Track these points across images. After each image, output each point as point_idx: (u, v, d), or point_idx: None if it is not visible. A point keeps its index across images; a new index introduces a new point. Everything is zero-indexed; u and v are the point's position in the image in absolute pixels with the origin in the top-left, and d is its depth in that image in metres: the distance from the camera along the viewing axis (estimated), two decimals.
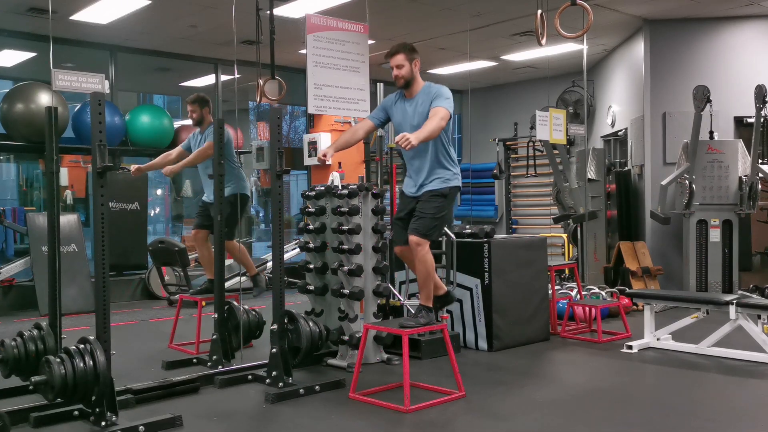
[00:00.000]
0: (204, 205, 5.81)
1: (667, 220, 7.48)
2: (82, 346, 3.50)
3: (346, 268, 4.75)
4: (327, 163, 4.51)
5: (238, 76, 7.20)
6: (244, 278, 8.10)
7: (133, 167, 5.76)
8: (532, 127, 7.85)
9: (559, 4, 4.95)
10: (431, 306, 4.18)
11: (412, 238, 4.08)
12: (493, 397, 4.13)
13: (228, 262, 6.92)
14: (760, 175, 7.25)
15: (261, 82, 5.45)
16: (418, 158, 4.21)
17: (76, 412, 3.68)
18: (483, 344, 5.38)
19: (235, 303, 5.07)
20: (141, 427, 3.46)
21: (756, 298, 6.20)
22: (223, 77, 9.80)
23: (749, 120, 7.55)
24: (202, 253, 5.77)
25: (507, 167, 11.65)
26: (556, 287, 6.47)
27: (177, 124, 9.50)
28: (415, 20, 7.97)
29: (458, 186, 4.25)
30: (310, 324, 4.47)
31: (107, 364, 3.45)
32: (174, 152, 5.82)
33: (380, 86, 6.46)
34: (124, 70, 9.29)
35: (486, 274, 5.33)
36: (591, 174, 8.31)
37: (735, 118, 7.98)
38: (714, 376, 4.67)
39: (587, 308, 6.18)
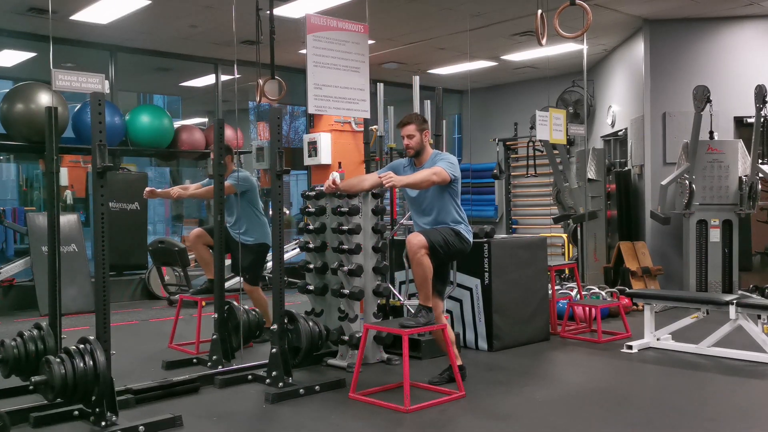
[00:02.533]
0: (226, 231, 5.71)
1: (667, 220, 7.48)
2: (82, 346, 3.50)
3: (346, 268, 4.75)
4: (331, 189, 4.53)
5: (238, 76, 7.21)
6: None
7: (147, 190, 5.62)
8: (532, 127, 7.85)
9: (559, 4, 4.95)
10: (430, 306, 4.17)
11: (414, 239, 4.08)
12: (493, 397, 4.13)
13: (228, 262, 6.91)
14: (760, 175, 7.25)
15: (261, 82, 5.45)
16: (426, 216, 4.31)
17: (76, 412, 3.68)
18: (483, 344, 5.38)
19: (235, 303, 5.07)
20: (141, 427, 3.46)
21: (756, 298, 6.20)
22: (223, 77, 9.80)
23: (749, 120, 7.55)
24: (199, 253, 5.75)
25: (507, 167, 11.65)
26: (556, 287, 6.47)
27: (177, 124, 9.50)
28: (415, 20, 7.97)
29: (471, 241, 4.35)
30: (310, 324, 4.47)
31: (107, 364, 3.45)
32: (192, 186, 5.86)
33: (380, 86, 6.47)
34: (124, 70, 9.29)
35: (486, 274, 5.33)
36: (591, 174, 8.31)
37: (735, 118, 7.98)
38: (714, 376, 4.67)
39: (587, 308, 6.18)
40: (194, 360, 5.04)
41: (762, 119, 7.16)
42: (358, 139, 9.16)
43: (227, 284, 6.20)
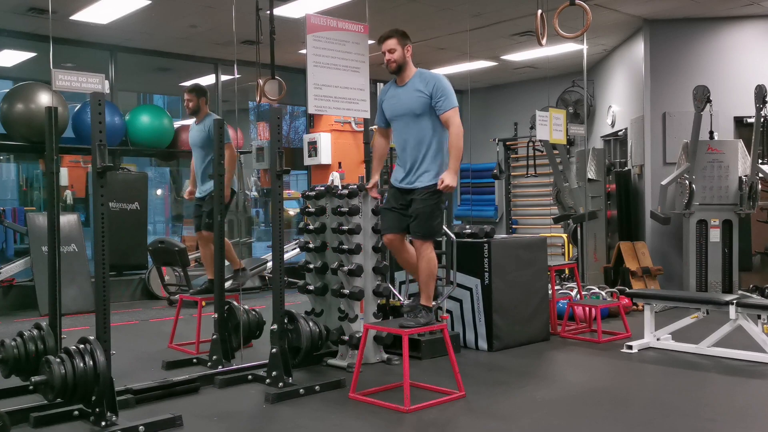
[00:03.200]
0: (197, 205, 5.82)
1: (667, 220, 7.48)
2: (82, 346, 3.50)
3: (346, 268, 4.75)
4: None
5: (238, 76, 7.22)
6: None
7: (187, 193, 5.86)
8: (532, 127, 7.85)
9: (559, 4, 4.95)
10: (431, 306, 4.18)
11: (417, 243, 4.13)
12: (493, 397, 4.13)
13: (228, 262, 6.91)
14: (760, 175, 7.25)
15: (261, 82, 5.45)
16: (411, 147, 4.18)
17: (76, 412, 3.68)
18: (483, 344, 5.38)
19: (235, 303, 5.07)
20: (141, 427, 3.46)
21: (756, 298, 6.21)
22: (223, 77, 9.80)
23: (749, 120, 7.55)
24: (205, 253, 5.76)
25: (507, 167, 11.65)
26: (556, 287, 6.47)
27: (177, 124, 9.49)
28: (415, 20, 7.97)
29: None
30: (310, 324, 4.47)
31: (107, 364, 3.45)
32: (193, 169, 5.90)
33: (380, 86, 6.45)
34: (124, 70, 9.29)
35: (486, 274, 5.33)
36: (591, 174, 8.31)
37: (735, 118, 7.98)
38: (714, 376, 4.67)
39: (587, 308, 6.18)
40: (194, 360, 5.04)
41: (762, 119, 7.15)
42: (358, 139, 9.17)
43: (227, 284, 6.20)
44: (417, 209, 4.12)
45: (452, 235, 5.28)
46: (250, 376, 4.50)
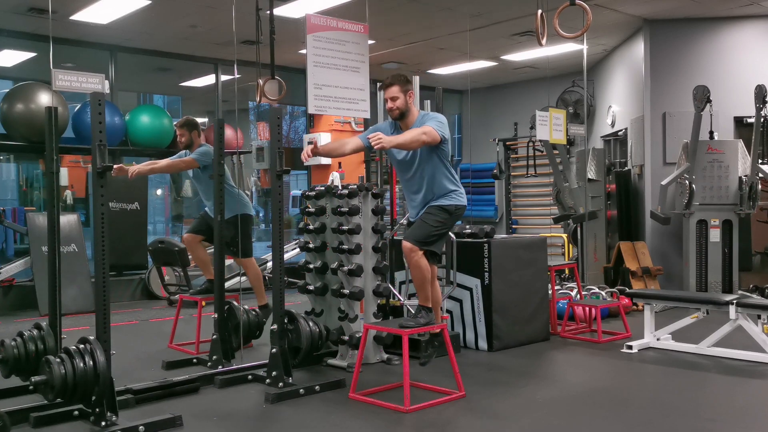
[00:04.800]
0: (203, 216, 5.80)
1: (667, 220, 7.48)
2: (82, 346, 3.50)
3: (346, 268, 4.75)
4: (309, 156, 4.42)
5: (238, 76, 7.20)
6: (244, 278, 8.10)
7: (115, 167, 5.56)
8: (532, 127, 7.85)
9: (559, 4, 4.95)
10: (430, 306, 4.18)
11: (406, 244, 4.05)
12: (493, 397, 4.13)
13: (228, 262, 6.92)
14: (760, 175, 7.25)
15: (261, 82, 5.45)
16: (417, 181, 4.22)
17: (76, 412, 3.68)
18: (483, 344, 5.38)
19: (235, 303, 5.07)
20: (141, 427, 3.46)
21: (756, 298, 6.21)
22: (223, 77, 9.80)
23: (749, 120, 7.54)
24: (197, 255, 5.75)
25: (507, 167, 11.65)
26: (556, 287, 6.47)
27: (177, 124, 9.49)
28: (415, 20, 7.97)
29: (464, 205, 4.25)
30: (310, 324, 4.47)
31: (107, 364, 3.45)
32: (159, 161, 5.83)
33: (380, 86, 6.45)
34: (124, 70, 9.29)
35: (486, 274, 5.33)
36: (591, 174, 8.31)
37: (735, 118, 7.98)
38: (714, 376, 4.67)
39: (587, 308, 6.18)
40: (194, 360, 5.04)
41: (762, 119, 7.15)
42: None
43: (227, 284, 6.20)
44: (423, 217, 4.16)
45: (452, 235, 5.29)
46: (250, 376, 4.50)
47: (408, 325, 4.02)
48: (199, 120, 12.39)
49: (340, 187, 4.92)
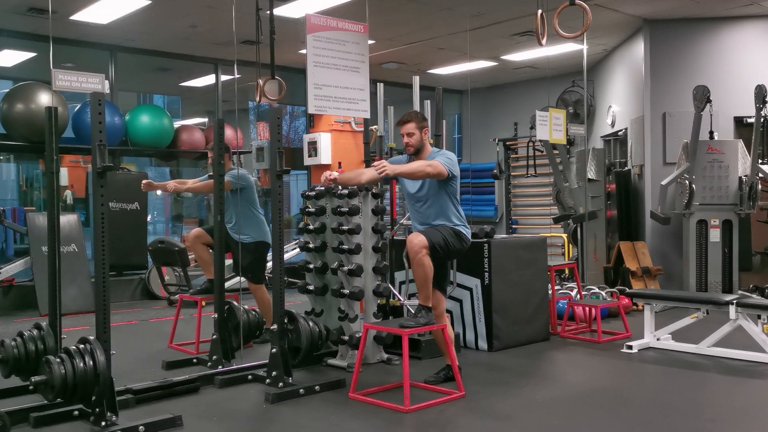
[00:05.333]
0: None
1: (667, 220, 7.48)
2: (82, 346, 3.50)
3: (346, 268, 4.75)
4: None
5: (238, 76, 7.21)
6: (244, 279, 8.09)
7: (144, 182, 5.60)
8: (532, 127, 7.85)
9: (559, 4, 4.95)
10: (430, 306, 4.17)
11: (415, 239, 4.05)
12: (493, 397, 4.13)
13: (228, 262, 6.92)
14: (760, 175, 7.25)
15: (261, 82, 5.45)
16: (424, 212, 4.26)
17: (76, 412, 3.68)
18: (483, 344, 5.38)
19: (235, 303, 5.07)
20: (141, 427, 3.46)
21: (756, 298, 6.21)
22: (223, 77, 9.80)
23: (749, 120, 7.54)
24: (199, 254, 5.74)
25: (507, 167, 11.65)
26: (556, 287, 6.47)
27: (177, 124, 9.50)
28: (415, 20, 7.97)
29: (470, 239, 4.31)
30: (310, 324, 4.47)
31: (107, 364, 3.45)
32: (190, 180, 5.84)
33: (380, 86, 6.46)
34: (124, 70, 9.29)
35: (486, 274, 5.33)
36: (591, 174, 8.31)
37: (735, 118, 7.98)
38: (714, 376, 4.67)
39: (587, 308, 6.18)
40: (194, 360, 5.04)
41: (762, 119, 7.15)
42: (358, 139, 9.15)
43: (227, 284, 6.20)
44: (438, 227, 4.20)
45: None
46: (250, 376, 4.50)
47: (408, 325, 4.02)
48: (199, 120, 12.44)
49: (340, 187, 4.92)
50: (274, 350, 4.24)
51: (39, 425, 3.62)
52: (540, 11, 5.01)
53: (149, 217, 9.60)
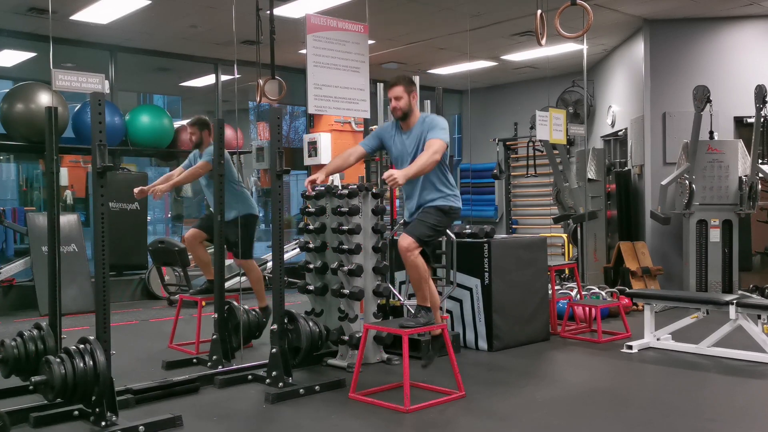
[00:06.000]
0: (209, 216, 5.77)
1: (667, 220, 7.48)
2: (82, 346, 3.50)
3: (346, 268, 4.75)
4: (318, 188, 4.48)
5: (238, 76, 7.21)
6: (244, 278, 8.09)
7: (136, 190, 5.54)
8: (532, 127, 7.85)
9: (559, 4, 4.95)
10: (429, 305, 4.16)
11: (403, 242, 4.01)
12: (493, 397, 4.13)
13: (228, 262, 6.92)
14: (760, 175, 7.25)
15: (261, 82, 5.45)
16: (415, 188, 4.23)
17: (76, 412, 3.68)
18: (483, 344, 5.38)
19: (235, 303, 5.07)
20: (141, 427, 3.46)
21: (756, 298, 6.21)
22: (223, 77, 9.80)
23: (749, 120, 7.54)
24: (197, 255, 5.72)
25: (507, 167, 11.65)
26: (556, 287, 6.47)
27: (177, 124, 9.50)
28: (415, 20, 7.97)
29: (459, 207, 4.27)
30: (310, 324, 4.47)
31: (107, 364, 3.45)
32: (175, 172, 5.74)
33: (380, 86, 6.45)
34: (124, 70, 9.28)
35: (486, 274, 5.33)
36: (591, 174, 8.31)
37: (735, 118, 7.98)
38: (714, 376, 4.67)
39: (587, 308, 6.18)
40: (194, 360, 5.04)
41: (762, 119, 7.15)
42: (358, 139, 9.15)
43: (227, 284, 6.20)
44: (420, 216, 4.16)
45: (452, 235, 5.28)
46: (250, 376, 4.50)
47: (408, 325, 4.02)
48: None
49: (340, 187, 4.92)
50: (274, 350, 4.24)
51: (39, 425, 3.62)
52: (540, 11, 5.02)
53: (149, 217, 9.60)
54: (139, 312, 7.71)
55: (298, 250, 8.43)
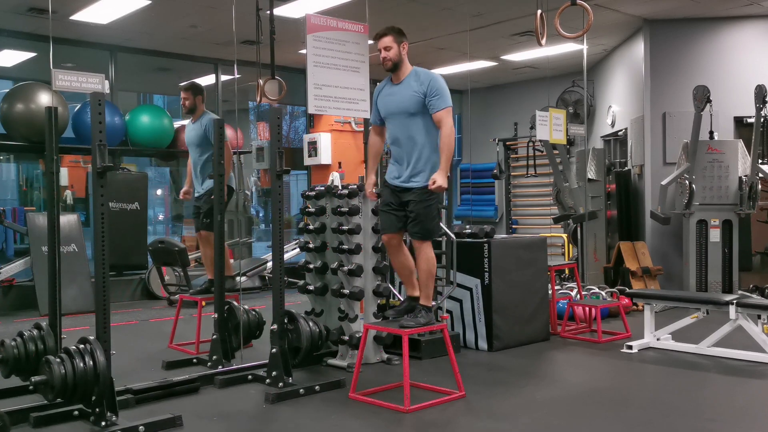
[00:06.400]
0: (195, 205, 5.85)
1: (667, 220, 7.48)
2: (82, 346, 3.50)
3: (346, 268, 4.75)
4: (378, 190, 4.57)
5: (238, 76, 7.21)
6: (244, 278, 8.11)
7: (182, 194, 5.92)
8: (532, 127, 7.85)
9: (559, 4, 4.95)
10: (431, 306, 4.18)
11: (416, 243, 4.14)
12: (493, 397, 4.13)
13: (231, 261, 6.91)
14: (760, 175, 7.25)
15: (261, 82, 5.45)
16: (405, 145, 4.15)
17: (76, 412, 3.68)
18: (483, 344, 5.38)
19: (235, 303, 5.07)
20: (141, 427, 3.46)
21: (756, 298, 6.21)
22: (223, 77, 9.80)
23: (749, 120, 7.54)
24: (205, 252, 5.76)
25: (507, 167, 11.65)
26: (556, 287, 6.47)
27: (177, 124, 9.50)
28: (415, 20, 7.97)
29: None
30: (310, 324, 4.47)
31: (107, 364, 3.45)
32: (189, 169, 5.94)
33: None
34: (124, 70, 9.29)
35: (486, 274, 5.33)
36: (591, 174, 8.31)
37: (735, 118, 7.98)
38: (714, 376, 4.67)
39: (587, 308, 6.18)
40: (194, 360, 5.04)
41: (762, 119, 7.15)
42: (358, 139, 9.17)
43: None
44: (414, 210, 4.12)
45: (452, 235, 5.29)
46: (250, 376, 4.50)
47: (408, 325, 4.02)
48: None
49: (340, 187, 4.92)
50: (274, 350, 4.24)
51: (39, 425, 3.62)
52: (540, 11, 5.02)
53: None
54: (139, 312, 7.71)
55: (298, 250, 8.43)
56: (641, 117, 8.29)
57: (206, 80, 10.21)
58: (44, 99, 7.76)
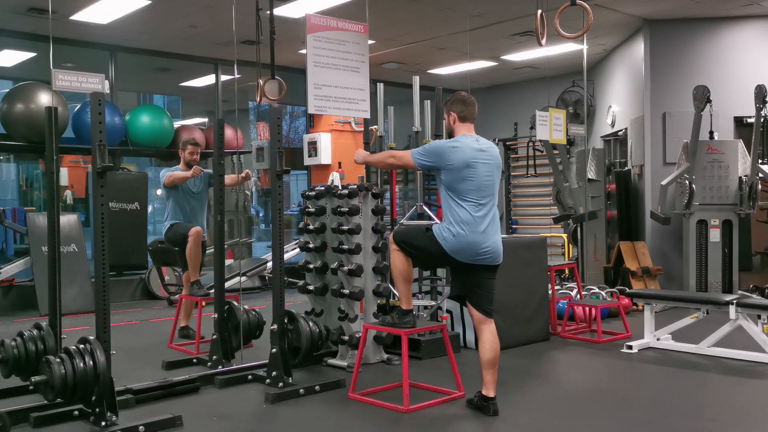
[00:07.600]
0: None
1: (667, 220, 7.48)
2: (82, 346, 3.50)
3: (346, 268, 4.75)
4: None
5: (238, 76, 7.19)
6: (244, 278, 8.11)
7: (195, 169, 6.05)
8: (532, 127, 7.85)
9: (559, 4, 4.95)
10: (407, 309, 3.98)
11: (391, 236, 3.96)
12: None
13: (228, 261, 6.92)
14: (760, 175, 7.25)
15: (261, 82, 5.45)
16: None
17: (76, 412, 3.68)
18: None
19: (235, 303, 5.07)
20: (141, 427, 3.46)
21: (756, 298, 6.21)
22: (223, 77, 9.80)
23: (749, 120, 7.54)
24: (197, 252, 5.76)
25: (507, 167, 11.65)
26: (556, 287, 6.47)
27: (177, 124, 9.50)
28: (415, 20, 7.97)
29: (445, 240, 3.74)
30: (310, 324, 4.47)
31: (107, 364, 3.45)
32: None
33: (380, 86, 6.46)
34: (124, 70, 9.28)
35: None
36: (591, 174, 8.31)
37: (735, 118, 7.98)
38: (714, 376, 4.67)
39: (587, 308, 6.18)
40: (194, 360, 5.04)
41: (762, 119, 7.15)
42: (358, 139, 9.14)
43: (227, 284, 6.19)
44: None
45: None
46: (250, 376, 4.50)
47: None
48: (199, 120, 12.44)
49: (340, 187, 4.92)
50: (274, 350, 4.24)
51: (39, 425, 3.62)
52: (540, 11, 5.01)
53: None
54: (139, 312, 7.71)
55: (298, 250, 8.43)
56: (641, 117, 8.29)
57: (206, 80, 10.22)
58: (44, 99, 7.76)
